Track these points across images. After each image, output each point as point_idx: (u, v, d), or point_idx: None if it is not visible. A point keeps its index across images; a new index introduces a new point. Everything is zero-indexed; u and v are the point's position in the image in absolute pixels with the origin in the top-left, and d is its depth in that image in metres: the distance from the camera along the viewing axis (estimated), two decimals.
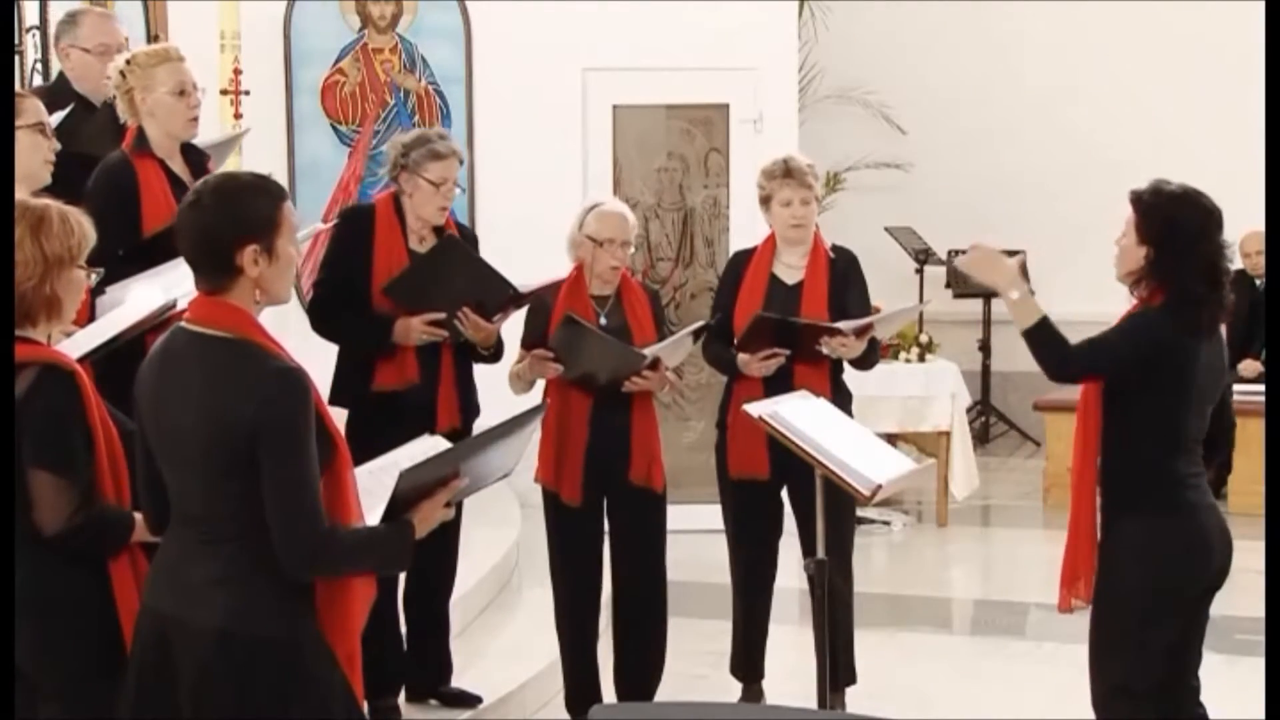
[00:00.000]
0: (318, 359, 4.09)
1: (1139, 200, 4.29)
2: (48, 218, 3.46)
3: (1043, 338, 4.29)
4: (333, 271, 5.29)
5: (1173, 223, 4.22)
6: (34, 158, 4.25)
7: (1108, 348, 4.23)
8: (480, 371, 5.38)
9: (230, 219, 3.24)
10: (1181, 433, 4.24)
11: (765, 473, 5.54)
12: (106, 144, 5.00)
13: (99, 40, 5.53)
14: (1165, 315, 4.21)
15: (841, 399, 5.51)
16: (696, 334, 5.47)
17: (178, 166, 4.93)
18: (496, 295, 5.18)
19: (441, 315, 5.13)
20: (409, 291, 5.13)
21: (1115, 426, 4.26)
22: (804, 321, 5.47)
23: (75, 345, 3.79)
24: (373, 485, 3.44)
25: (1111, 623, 4.26)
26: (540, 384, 5.34)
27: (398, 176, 5.24)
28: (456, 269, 5.17)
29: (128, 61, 4.88)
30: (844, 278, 5.65)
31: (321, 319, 5.23)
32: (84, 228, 3.51)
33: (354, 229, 5.27)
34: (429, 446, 3.62)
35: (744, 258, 5.77)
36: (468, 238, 5.51)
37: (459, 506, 5.13)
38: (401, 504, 3.33)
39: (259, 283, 3.27)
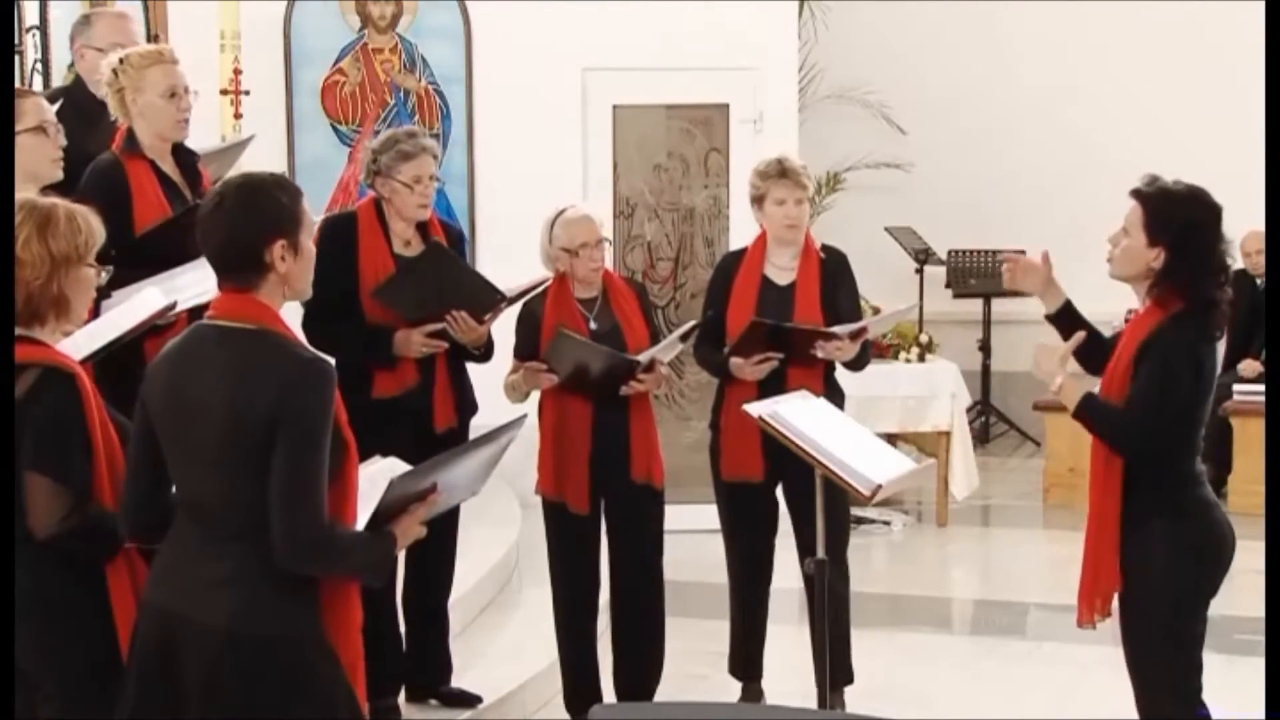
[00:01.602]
0: None
1: (1148, 199, 4.17)
2: (54, 216, 3.46)
3: (1093, 418, 4.18)
4: (322, 285, 5.25)
5: (1189, 226, 4.12)
6: (39, 159, 4.25)
7: (1165, 409, 4.11)
8: (478, 371, 5.39)
9: (258, 217, 3.30)
10: (1198, 435, 4.20)
11: (758, 474, 5.54)
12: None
13: (112, 40, 5.52)
14: (1191, 330, 4.12)
15: (834, 399, 5.50)
16: (686, 335, 5.46)
17: (168, 167, 4.94)
18: (485, 299, 5.18)
19: (441, 326, 5.13)
20: (398, 296, 5.12)
21: None
22: (799, 327, 5.47)
23: (75, 347, 3.77)
24: None
25: (1146, 627, 4.19)
26: (535, 392, 5.34)
27: (373, 183, 5.26)
28: (444, 275, 5.18)
29: (120, 61, 4.88)
30: (835, 278, 5.65)
31: (318, 332, 5.20)
32: (92, 226, 3.52)
33: (337, 239, 5.24)
34: (386, 467, 3.61)
35: (734, 259, 5.76)
36: (454, 235, 5.50)
37: (457, 506, 5.18)
38: (384, 516, 3.34)
39: (286, 279, 3.32)
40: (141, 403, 3.36)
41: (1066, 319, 4.50)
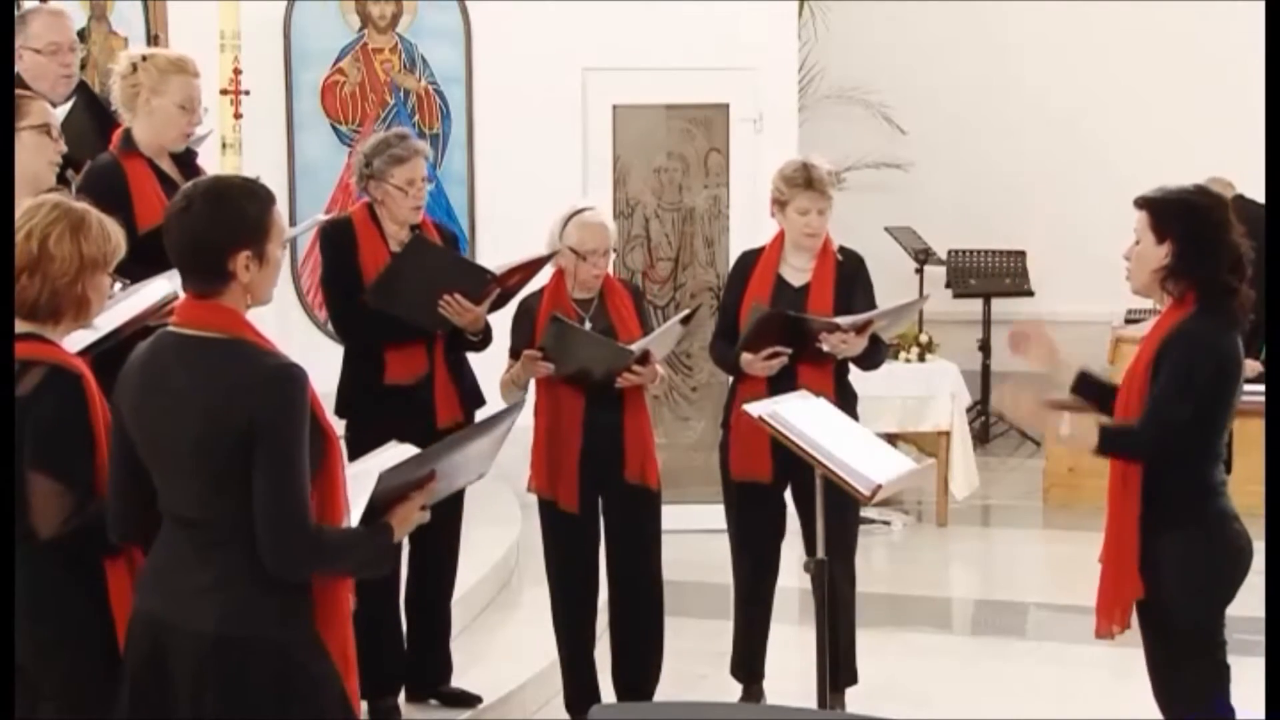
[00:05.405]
0: (317, 361, 4.08)
1: (1150, 201, 4.17)
2: (88, 221, 3.51)
3: (1117, 448, 4.11)
4: (339, 285, 5.29)
5: (1193, 213, 4.12)
6: (39, 159, 4.25)
7: (1186, 402, 4.05)
8: (483, 366, 5.39)
9: (223, 226, 3.27)
10: (1220, 440, 4.15)
11: (768, 475, 5.52)
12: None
13: (49, 39, 5.50)
14: (1211, 321, 4.08)
15: (846, 400, 5.49)
16: (685, 320, 5.45)
17: (166, 165, 4.95)
18: (475, 281, 5.19)
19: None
20: (391, 298, 5.13)
21: None
22: (802, 316, 5.46)
23: (75, 339, 3.78)
24: (351, 491, 3.44)
25: (1166, 637, 4.14)
26: (531, 390, 5.34)
27: (366, 186, 5.26)
28: (430, 264, 5.18)
29: (144, 58, 4.89)
30: (851, 280, 5.62)
31: (358, 325, 5.22)
32: (118, 236, 3.56)
33: (338, 243, 5.29)
34: (398, 454, 3.60)
35: (751, 258, 5.73)
36: (447, 236, 5.52)
37: (459, 506, 5.18)
38: (380, 507, 3.33)
39: (249, 288, 3.30)
40: (115, 409, 3.35)
41: (1092, 387, 4.41)
